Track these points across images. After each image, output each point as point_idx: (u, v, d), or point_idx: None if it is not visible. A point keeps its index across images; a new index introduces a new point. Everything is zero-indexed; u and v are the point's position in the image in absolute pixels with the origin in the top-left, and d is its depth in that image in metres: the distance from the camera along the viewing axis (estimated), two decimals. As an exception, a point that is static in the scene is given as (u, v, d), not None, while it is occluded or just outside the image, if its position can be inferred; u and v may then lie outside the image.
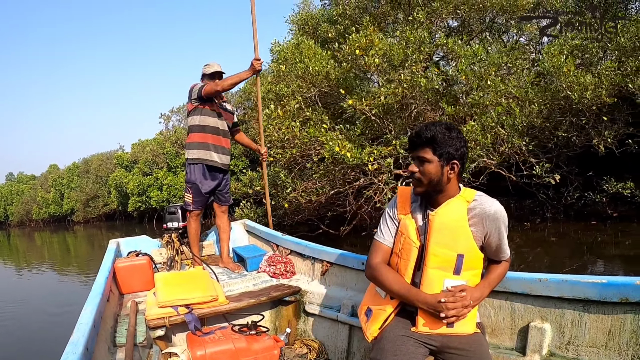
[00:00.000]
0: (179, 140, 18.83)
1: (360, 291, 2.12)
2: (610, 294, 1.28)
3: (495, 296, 1.57)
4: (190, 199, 2.88)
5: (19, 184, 48.46)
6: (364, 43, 5.68)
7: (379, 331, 1.42)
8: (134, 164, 22.26)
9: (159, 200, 18.22)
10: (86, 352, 1.29)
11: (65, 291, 7.26)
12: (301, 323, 2.41)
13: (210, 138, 2.85)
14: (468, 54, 5.41)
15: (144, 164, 20.54)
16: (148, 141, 22.37)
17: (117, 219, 28.63)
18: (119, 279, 2.42)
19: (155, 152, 20.08)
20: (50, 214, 36.10)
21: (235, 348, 1.93)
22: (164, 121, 23.53)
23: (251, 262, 2.81)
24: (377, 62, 5.59)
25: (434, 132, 1.31)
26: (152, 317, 1.98)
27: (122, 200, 23.67)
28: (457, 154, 1.33)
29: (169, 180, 18.09)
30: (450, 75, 5.56)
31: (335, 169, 5.77)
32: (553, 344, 1.42)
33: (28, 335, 4.56)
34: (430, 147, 1.32)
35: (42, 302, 6.38)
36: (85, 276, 8.49)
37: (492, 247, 1.37)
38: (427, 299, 1.30)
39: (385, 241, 1.47)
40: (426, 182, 1.35)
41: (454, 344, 1.32)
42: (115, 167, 24.51)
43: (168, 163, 19.17)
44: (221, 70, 2.88)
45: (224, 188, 3.01)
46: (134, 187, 19.85)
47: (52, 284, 8.26)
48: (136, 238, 3.18)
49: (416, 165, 1.36)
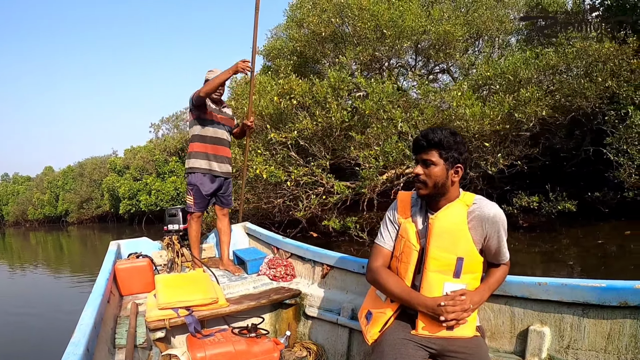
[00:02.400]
0: (168, 149, 20.99)
1: (360, 294, 2.13)
2: (610, 297, 1.29)
3: (494, 300, 1.58)
4: (191, 201, 2.88)
5: (15, 184, 49.50)
6: (285, 89, 6.99)
7: (379, 334, 1.42)
8: (125, 169, 23.70)
9: (148, 204, 19.94)
10: (87, 352, 1.29)
11: (56, 288, 7.43)
12: (301, 326, 2.41)
13: (210, 148, 2.87)
14: (377, 91, 6.29)
15: (134, 170, 22.13)
16: (140, 148, 24.03)
17: (109, 220, 29.89)
18: (119, 280, 2.41)
19: (145, 159, 21.76)
20: (45, 215, 37.27)
21: (235, 350, 1.93)
22: (154, 130, 25.29)
23: (251, 265, 2.81)
24: (295, 103, 6.90)
25: (441, 136, 1.33)
26: (152, 318, 1.98)
27: (114, 203, 25.09)
28: (462, 158, 1.35)
29: (157, 186, 19.81)
30: (360, 108, 6.50)
31: (259, 185, 7.26)
32: (552, 347, 1.43)
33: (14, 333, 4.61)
34: (437, 151, 1.35)
35: (34, 300, 6.43)
36: (77, 275, 8.68)
37: (491, 250, 1.39)
38: (427, 302, 1.31)
39: (386, 245, 1.48)
40: (431, 184, 1.36)
41: (453, 347, 1.32)
42: (109, 172, 26.02)
43: (157, 169, 21.12)
44: None
45: (226, 191, 3.02)
46: (125, 191, 21.44)
47: (45, 281, 8.42)
48: (137, 240, 3.17)
49: (421, 168, 1.38)
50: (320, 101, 6.66)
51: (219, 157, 2.92)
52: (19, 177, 51.62)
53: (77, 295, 6.31)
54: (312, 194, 6.92)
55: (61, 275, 9.09)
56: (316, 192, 6.90)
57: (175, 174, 19.99)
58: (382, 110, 6.21)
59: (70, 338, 1.34)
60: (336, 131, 6.64)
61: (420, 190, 1.40)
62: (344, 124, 6.56)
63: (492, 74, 6.47)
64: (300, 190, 6.91)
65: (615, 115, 6.19)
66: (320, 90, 6.66)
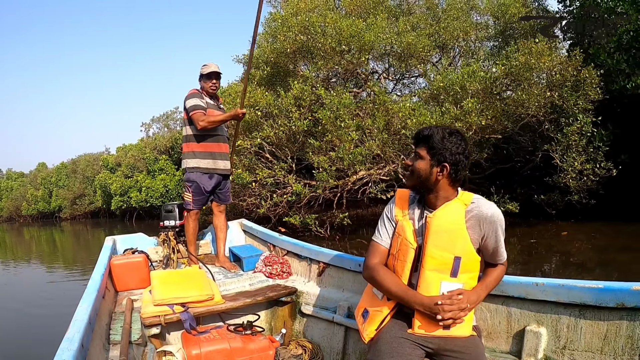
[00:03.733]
0: (158, 147, 21.91)
1: (357, 293, 2.12)
2: (607, 299, 1.30)
3: (491, 299, 1.58)
4: (190, 198, 2.85)
5: (8, 180, 49.67)
6: (251, 101, 7.59)
7: (376, 332, 1.42)
8: (117, 167, 24.54)
9: (138, 201, 20.94)
10: (81, 348, 1.28)
11: (49, 281, 7.47)
12: (297, 324, 2.41)
13: (211, 147, 2.85)
14: (334, 102, 6.99)
15: (126, 167, 23.09)
16: (131, 146, 24.98)
17: (101, 216, 30.78)
18: (114, 276, 2.40)
19: (136, 157, 22.76)
20: (39, 210, 37.96)
21: (230, 348, 1.92)
22: (145, 129, 26.33)
23: (247, 262, 2.80)
24: (259, 114, 7.74)
25: (432, 133, 1.36)
26: (147, 315, 1.97)
27: (106, 200, 25.93)
28: (451, 159, 1.34)
29: (147, 183, 20.75)
30: (319, 117, 7.16)
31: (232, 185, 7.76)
32: (549, 348, 1.43)
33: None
34: (426, 146, 1.37)
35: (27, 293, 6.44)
36: (70, 268, 8.82)
37: (489, 250, 1.38)
38: (424, 301, 1.31)
39: (383, 242, 1.48)
40: (414, 177, 1.41)
41: (450, 346, 1.32)
42: (101, 169, 26.77)
43: (147, 167, 22.02)
44: (219, 70, 2.86)
45: (224, 187, 3.00)
46: (117, 187, 22.35)
47: (38, 275, 8.46)
48: (132, 236, 3.15)
49: (412, 160, 1.43)
50: (285, 111, 7.42)
51: (220, 154, 2.90)
52: (12, 172, 51.67)
53: (69, 288, 6.40)
54: (278, 193, 7.70)
55: (54, 269, 9.16)
56: (283, 192, 7.69)
57: (165, 171, 20.71)
58: (339, 119, 6.89)
59: (64, 333, 1.33)
60: (299, 137, 7.43)
61: (406, 180, 1.48)
62: (305, 132, 7.35)
63: (444, 85, 6.99)
64: (265, 190, 7.70)
65: (556, 125, 6.88)
66: (285, 101, 7.39)
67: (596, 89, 6.56)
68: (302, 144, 7.51)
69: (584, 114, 6.59)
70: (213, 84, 2.85)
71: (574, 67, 6.64)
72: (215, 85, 2.87)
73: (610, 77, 6.88)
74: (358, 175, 7.21)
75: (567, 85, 6.68)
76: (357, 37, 7.44)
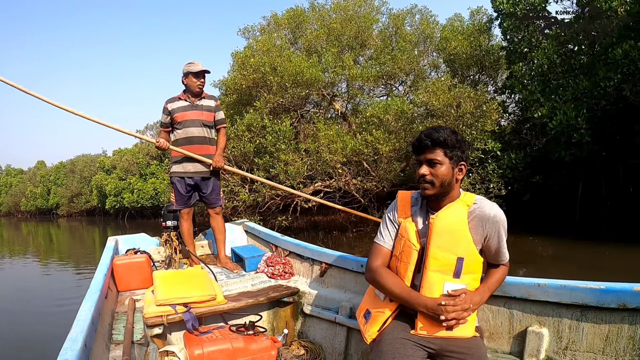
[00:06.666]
0: (150, 153, 23.71)
1: (359, 293, 2.13)
2: (608, 300, 1.30)
3: (493, 300, 1.58)
4: (173, 199, 2.98)
5: (8, 176, 50.84)
6: None
7: (378, 333, 1.43)
8: (113, 169, 26.60)
9: (130, 201, 23.32)
10: (84, 348, 1.28)
11: (44, 275, 7.69)
12: (299, 324, 2.41)
13: (183, 150, 2.84)
14: (276, 130, 8.72)
15: (120, 170, 25.31)
16: (126, 150, 27.13)
17: (96, 214, 32.66)
18: (117, 276, 2.40)
19: (130, 161, 24.97)
20: (37, 207, 39.59)
21: (232, 348, 1.92)
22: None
23: (250, 263, 2.80)
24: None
25: (445, 134, 1.33)
26: (150, 315, 1.97)
27: (101, 199, 27.69)
28: (464, 156, 1.36)
29: (139, 186, 22.94)
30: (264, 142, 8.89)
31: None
32: (550, 349, 1.44)
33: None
34: (442, 149, 1.34)
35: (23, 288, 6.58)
36: (64, 263, 9.09)
37: (491, 251, 1.39)
38: (427, 302, 1.31)
39: (385, 244, 1.48)
40: (438, 184, 1.34)
41: (452, 347, 1.33)
42: (98, 170, 28.99)
43: (140, 171, 24.23)
44: (207, 69, 2.86)
45: (207, 190, 2.94)
46: (112, 188, 24.56)
47: (34, 269, 8.66)
48: (135, 236, 3.16)
49: (427, 168, 1.36)
50: (240, 135, 9.17)
51: (189, 158, 2.86)
52: (11, 169, 52.37)
53: (65, 283, 6.52)
54: (230, 199, 9.24)
55: (49, 263, 9.36)
56: (234, 198, 9.19)
57: (155, 176, 22.20)
58: (278, 143, 8.62)
59: (67, 333, 1.33)
60: (250, 157, 9.16)
61: (426, 190, 1.38)
62: (253, 152, 9.11)
63: (369, 114, 8.46)
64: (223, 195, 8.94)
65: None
66: (239, 127, 9.14)
67: (493, 120, 7.83)
68: (251, 162, 9.18)
69: (491, 139, 7.95)
70: (201, 82, 2.89)
71: (479, 100, 7.86)
72: (203, 83, 2.91)
73: (526, 106, 7.92)
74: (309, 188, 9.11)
75: (468, 116, 7.80)
76: (300, 74, 9.00)
